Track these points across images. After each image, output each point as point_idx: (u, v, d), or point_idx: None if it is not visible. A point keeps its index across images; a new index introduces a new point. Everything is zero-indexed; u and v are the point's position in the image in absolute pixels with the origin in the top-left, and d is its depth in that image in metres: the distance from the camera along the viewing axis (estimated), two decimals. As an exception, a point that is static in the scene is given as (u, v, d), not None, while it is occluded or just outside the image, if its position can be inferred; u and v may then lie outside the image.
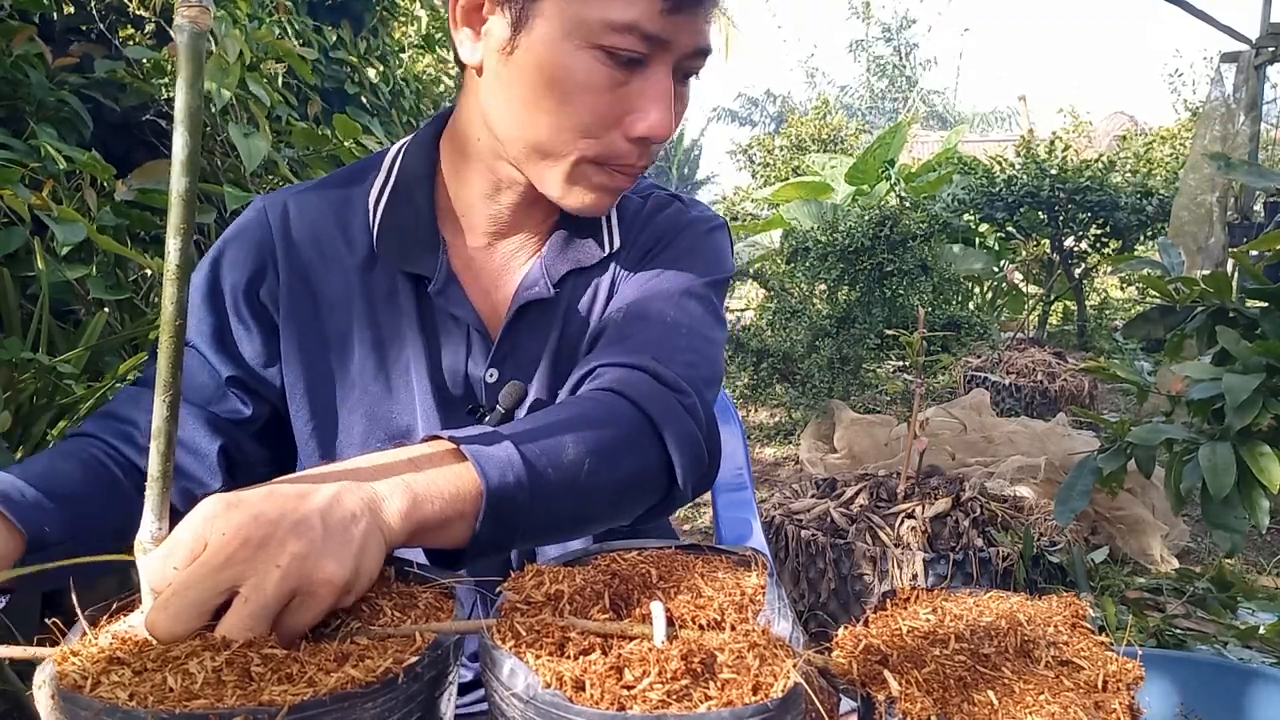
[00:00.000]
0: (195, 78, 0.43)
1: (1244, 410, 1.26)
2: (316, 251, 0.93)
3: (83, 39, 2.36)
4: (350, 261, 0.92)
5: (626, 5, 0.75)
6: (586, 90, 0.79)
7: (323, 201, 0.94)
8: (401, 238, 0.91)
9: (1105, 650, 0.59)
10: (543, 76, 0.79)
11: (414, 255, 0.91)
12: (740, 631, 0.55)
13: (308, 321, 0.92)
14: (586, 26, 0.76)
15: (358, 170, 0.98)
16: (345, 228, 0.93)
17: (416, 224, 0.91)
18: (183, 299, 0.46)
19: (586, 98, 0.79)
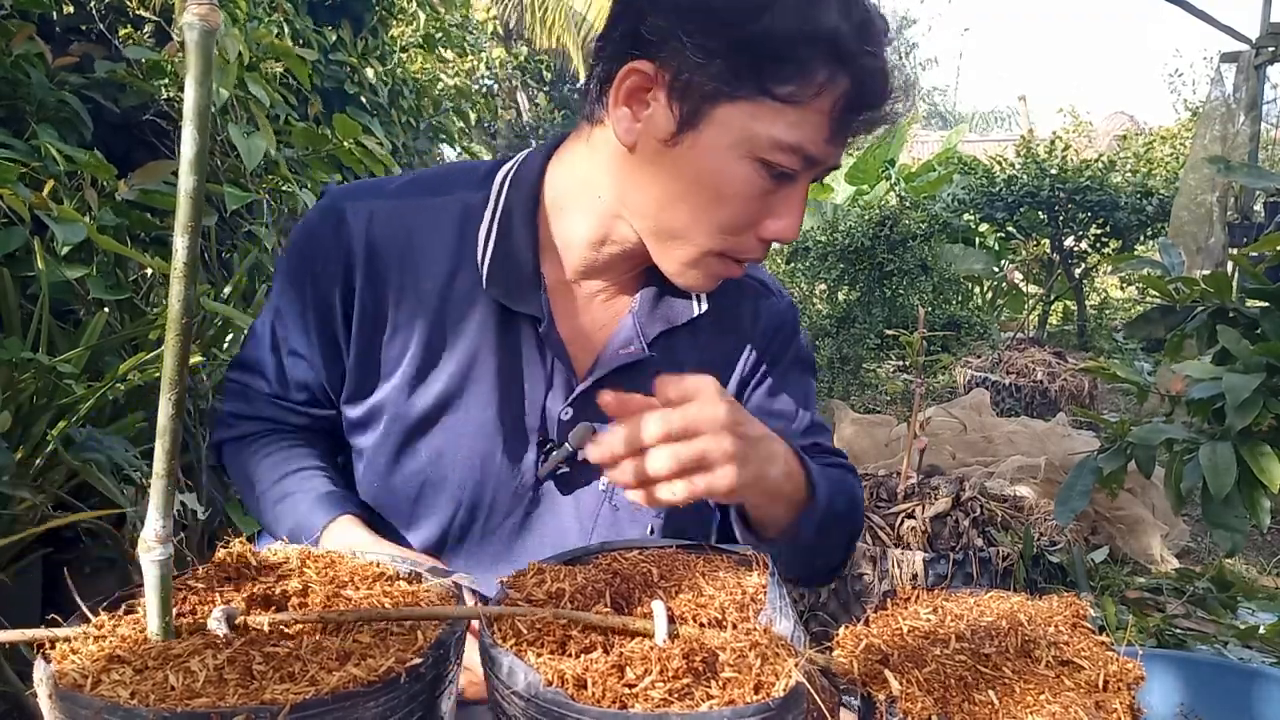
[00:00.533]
0: (204, 76, 0.43)
1: (1245, 410, 1.26)
2: (401, 263, 0.93)
3: (82, 39, 2.36)
4: (439, 279, 0.93)
5: (794, 128, 0.80)
6: (739, 197, 0.83)
7: (413, 213, 0.94)
8: (508, 272, 0.92)
9: (1105, 650, 0.59)
10: (699, 176, 0.83)
11: (520, 292, 0.92)
12: (742, 630, 0.55)
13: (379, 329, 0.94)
14: (755, 141, 0.80)
15: (445, 181, 0.98)
16: (436, 244, 0.94)
17: (521, 259, 0.93)
18: (190, 297, 0.46)
19: (737, 203, 0.84)
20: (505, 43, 12.85)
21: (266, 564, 0.62)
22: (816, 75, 0.78)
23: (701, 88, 0.80)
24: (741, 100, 0.79)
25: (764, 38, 0.77)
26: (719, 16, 0.78)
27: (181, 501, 1.72)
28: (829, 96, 0.79)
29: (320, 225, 0.95)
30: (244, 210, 2.56)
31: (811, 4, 0.78)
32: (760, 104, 0.79)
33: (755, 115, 0.80)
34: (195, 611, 0.55)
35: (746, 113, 0.80)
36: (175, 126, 2.43)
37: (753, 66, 0.78)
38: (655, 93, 0.83)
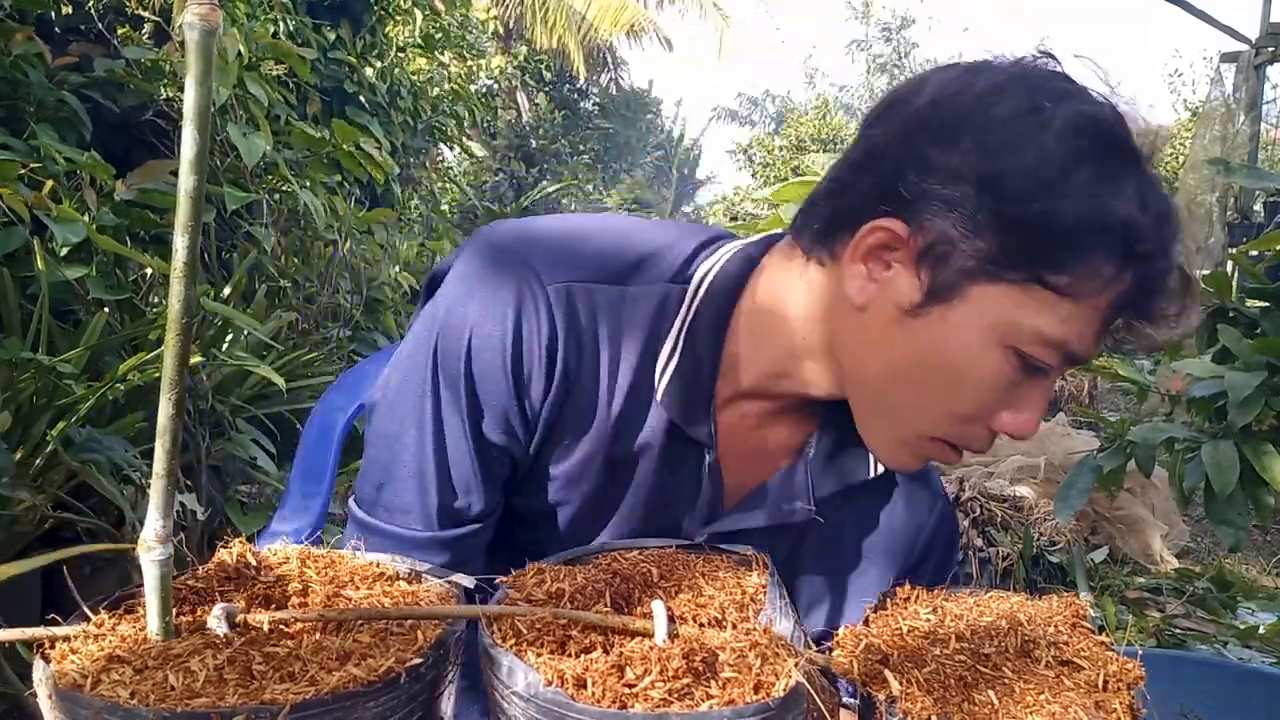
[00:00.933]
0: (205, 75, 0.43)
1: (1246, 408, 1.26)
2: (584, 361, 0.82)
3: (81, 39, 2.36)
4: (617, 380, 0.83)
5: (1063, 323, 0.70)
6: (983, 387, 0.73)
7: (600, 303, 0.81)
8: (685, 391, 0.82)
9: (1105, 650, 0.59)
10: (941, 357, 0.73)
11: (693, 414, 0.82)
12: (742, 630, 0.55)
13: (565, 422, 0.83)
14: (1015, 329, 0.71)
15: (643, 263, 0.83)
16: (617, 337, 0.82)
17: (701, 379, 0.82)
18: (190, 297, 0.46)
19: (978, 393, 0.74)
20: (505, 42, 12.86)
21: (266, 564, 0.61)
22: (1101, 269, 0.68)
23: (962, 261, 0.70)
24: (1008, 283, 0.69)
25: (1048, 219, 0.67)
26: (999, 188, 0.68)
27: (181, 502, 1.72)
28: (1109, 294, 0.69)
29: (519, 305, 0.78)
30: (244, 210, 2.56)
31: (1107, 189, 0.68)
32: (1029, 290, 0.69)
33: (1020, 302, 0.70)
34: (195, 611, 0.55)
35: (1010, 297, 0.70)
36: (174, 126, 2.43)
37: (1029, 249, 0.68)
38: (901, 254, 0.73)
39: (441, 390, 0.79)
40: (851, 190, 0.76)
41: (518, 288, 0.78)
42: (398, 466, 0.81)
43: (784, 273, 0.82)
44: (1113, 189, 0.68)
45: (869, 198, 0.74)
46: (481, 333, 0.78)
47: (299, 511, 1.36)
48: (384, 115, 3.93)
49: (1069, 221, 0.67)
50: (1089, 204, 0.67)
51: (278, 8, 3.01)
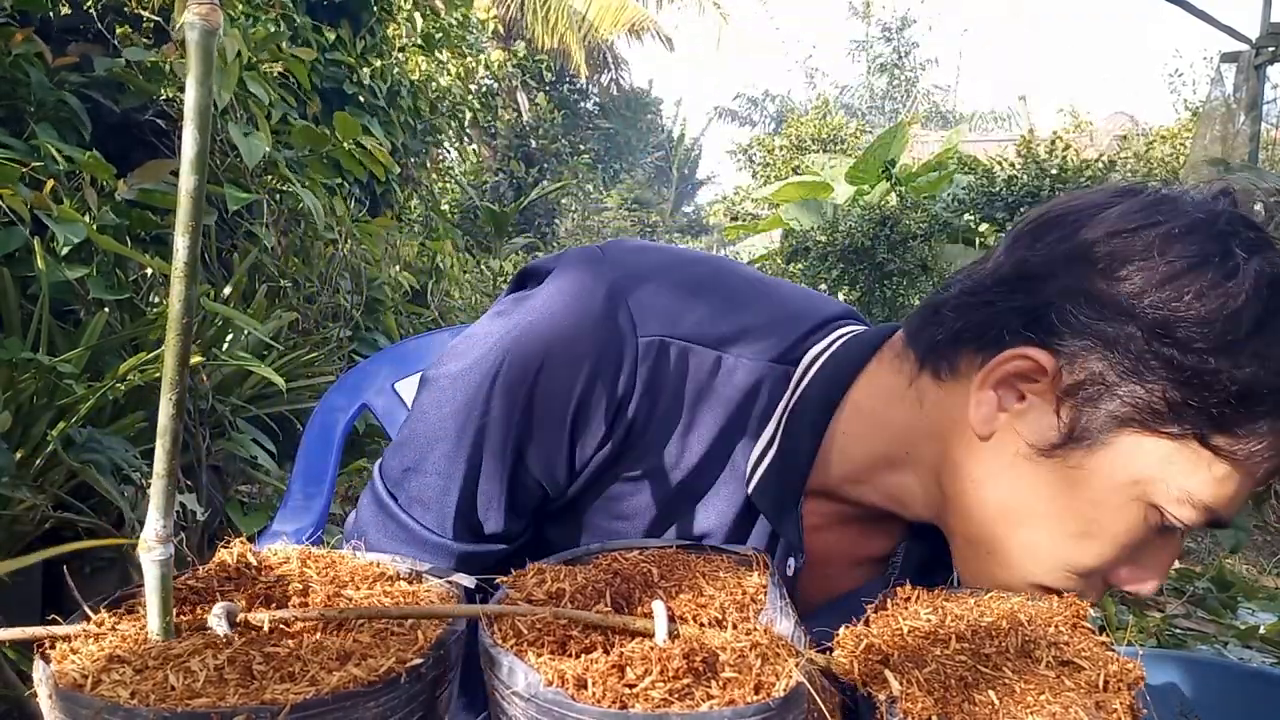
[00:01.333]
0: (205, 75, 0.43)
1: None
2: (655, 417, 0.76)
3: (80, 39, 2.36)
4: (682, 447, 0.76)
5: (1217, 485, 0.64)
6: (1115, 543, 0.67)
7: (689, 364, 0.75)
8: (779, 483, 0.76)
9: (1106, 650, 0.59)
10: (1073, 505, 0.67)
11: (783, 511, 0.77)
12: (742, 630, 0.55)
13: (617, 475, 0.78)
14: (1162, 486, 0.65)
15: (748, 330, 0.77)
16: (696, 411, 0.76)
17: (797, 473, 0.76)
18: (190, 297, 0.46)
19: (1106, 548, 0.67)
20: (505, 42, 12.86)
21: (266, 564, 0.61)
22: (1269, 435, 0.63)
23: (1115, 406, 0.64)
24: (1165, 436, 0.64)
25: (1227, 377, 0.62)
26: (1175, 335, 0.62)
27: (181, 502, 1.72)
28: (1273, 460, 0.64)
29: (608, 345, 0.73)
30: (244, 210, 2.56)
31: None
32: (1187, 447, 0.64)
33: (1173, 458, 0.64)
34: (195, 611, 0.55)
35: (1163, 451, 0.64)
36: (174, 126, 2.43)
37: (1199, 405, 0.62)
38: (1042, 387, 0.67)
39: (494, 404, 0.74)
40: (992, 308, 0.69)
41: (608, 335, 0.73)
42: (429, 459, 0.76)
43: (893, 375, 0.76)
44: None
45: (1013, 320, 0.67)
46: (554, 370, 0.73)
47: (300, 512, 1.36)
48: (383, 115, 3.93)
49: (1249, 381, 0.62)
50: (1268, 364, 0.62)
51: (278, 8, 3.01)
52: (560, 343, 0.72)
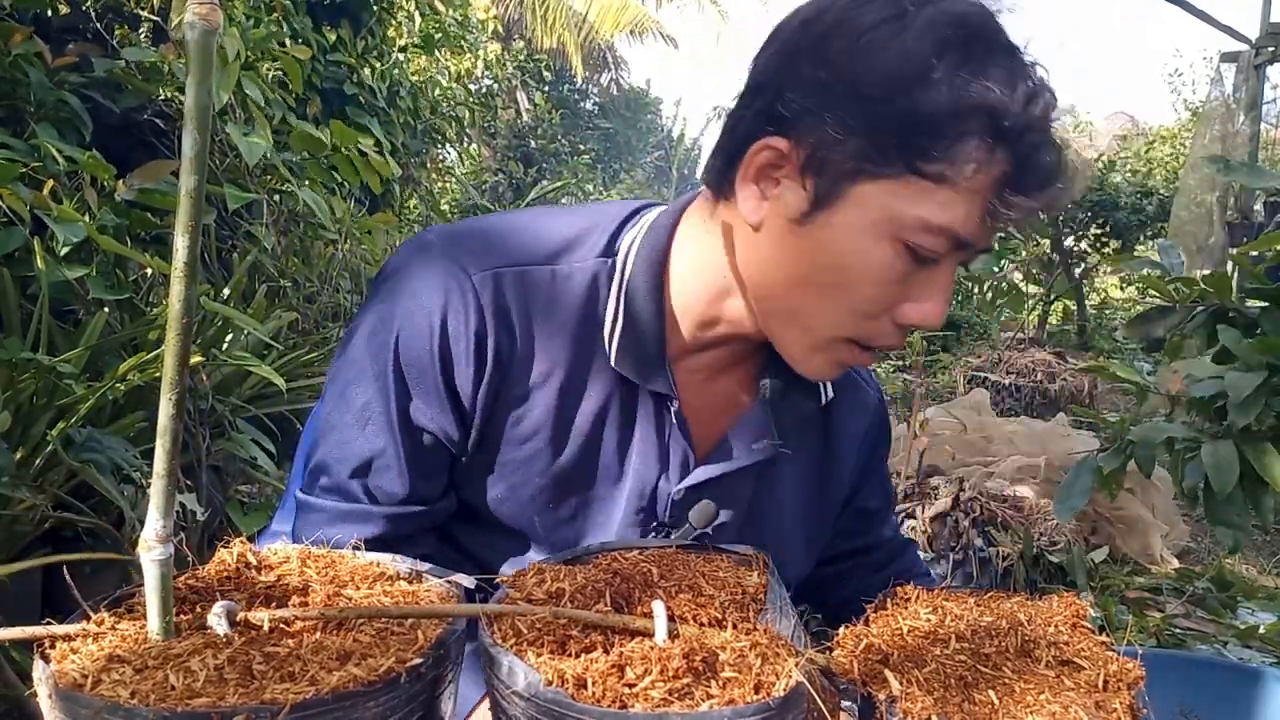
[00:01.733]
0: (204, 75, 0.43)
1: (1246, 408, 1.26)
2: (522, 335, 0.85)
3: (79, 38, 2.36)
4: (565, 354, 0.86)
5: (944, 209, 0.72)
6: (876, 281, 0.76)
7: (530, 284, 0.85)
8: (636, 348, 0.86)
9: (1105, 650, 0.59)
10: (833, 258, 0.76)
11: (648, 370, 0.86)
12: (742, 630, 0.55)
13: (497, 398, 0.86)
14: (898, 222, 0.73)
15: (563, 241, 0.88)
16: (553, 313, 0.86)
17: (648, 335, 0.86)
18: (190, 296, 0.46)
19: (873, 288, 0.76)
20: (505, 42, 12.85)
21: (266, 564, 0.62)
22: (973, 152, 0.71)
23: (840, 164, 0.73)
24: (884, 178, 0.72)
25: (913, 111, 0.70)
26: (865, 90, 0.71)
27: (181, 502, 1.72)
28: (986, 176, 0.72)
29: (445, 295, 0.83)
30: (244, 210, 2.56)
31: (971, 74, 0.70)
32: (906, 182, 0.72)
33: (899, 194, 0.72)
34: (195, 611, 0.55)
35: (889, 191, 0.73)
36: (174, 126, 2.43)
37: (900, 143, 0.71)
38: (788, 170, 0.76)
39: (370, 379, 0.83)
40: (741, 121, 0.79)
41: (444, 280, 0.82)
42: (328, 447, 0.86)
43: (700, 221, 0.86)
44: (975, 72, 0.70)
45: (755, 124, 0.77)
46: (409, 331, 0.82)
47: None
48: (383, 116, 3.93)
49: (933, 109, 0.70)
50: (951, 91, 0.69)
51: (278, 9, 3.01)
52: (406, 307, 0.82)
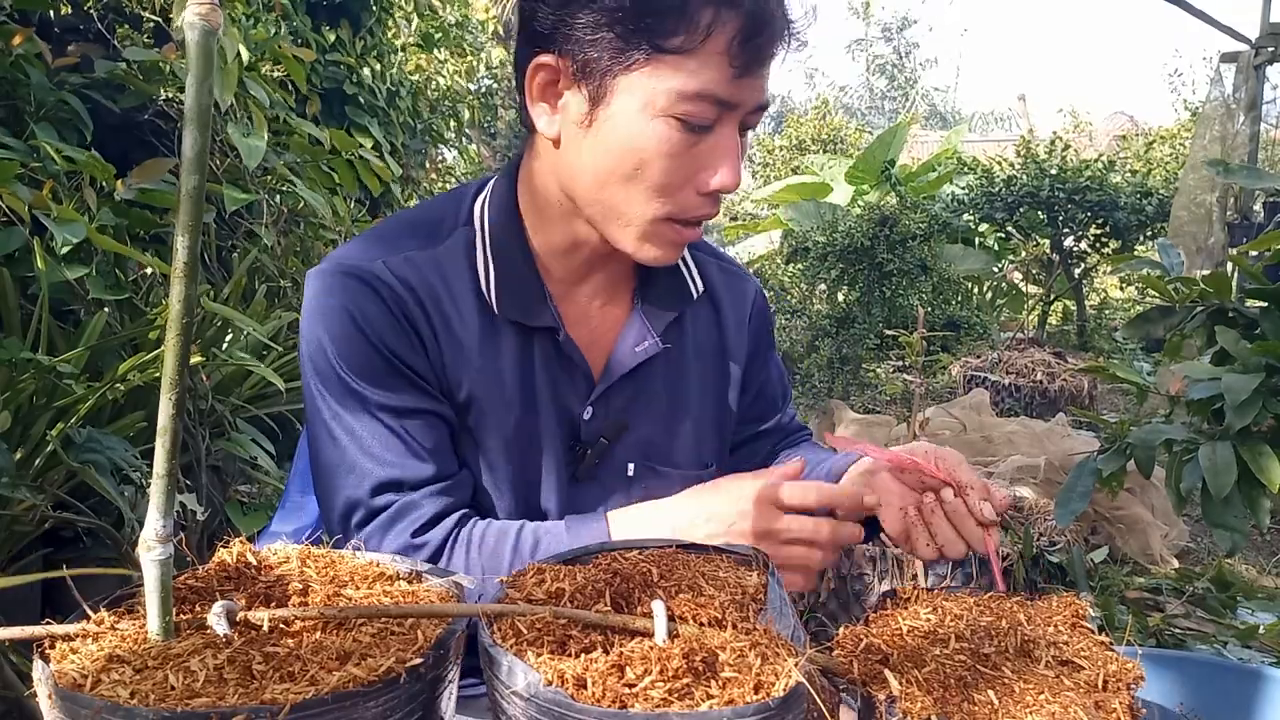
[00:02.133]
0: (205, 76, 0.43)
1: (1244, 410, 1.26)
2: (434, 310, 0.94)
3: (80, 38, 2.36)
4: (463, 315, 0.95)
5: (694, 76, 0.80)
6: (662, 156, 0.84)
7: (420, 266, 0.94)
8: (515, 293, 0.95)
9: (1105, 650, 0.59)
10: (621, 146, 0.84)
11: (530, 308, 0.95)
12: (742, 630, 0.55)
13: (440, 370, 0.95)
14: (660, 98, 0.81)
15: (432, 224, 0.98)
16: (449, 285, 0.95)
17: (523, 277, 0.96)
18: (190, 296, 0.46)
19: (662, 163, 0.84)
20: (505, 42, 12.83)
21: (266, 564, 0.62)
22: (701, 19, 0.79)
23: (599, 62, 0.82)
24: (638, 65, 0.81)
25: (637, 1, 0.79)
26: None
27: (181, 502, 1.72)
28: (721, 36, 0.80)
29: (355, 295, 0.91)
30: (244, 210, 2.56)
31: None
32: (656, 61, 0.80)
33: (655, 74, 0.81)
34: (195, 611, 0.55)
35: (646, 74, 0.81)
36: (174, 126, 2.43)
37: (638, 29, 0.80)
38: (564, 81, 0.86)
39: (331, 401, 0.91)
40: (517, 51, 0.89)
41: (346, 284, 0.91)
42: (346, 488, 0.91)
43: (529, 161, 0.97)
44: None
45: (525, 49, 0.87)
46: (340, 335, 0.90)
47: (298, 511, 1.36)
48: (383, 116, 3.93)
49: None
50: None
51: (278, 9, 3.01)
52: (329, 324, 0.91)
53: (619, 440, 1.01)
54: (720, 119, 0.84)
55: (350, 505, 0.91)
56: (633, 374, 1.01)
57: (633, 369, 1.00)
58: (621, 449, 1.02)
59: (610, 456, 1.01)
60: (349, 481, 0.91)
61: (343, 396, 0.91)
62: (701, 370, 1.07)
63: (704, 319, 1.08)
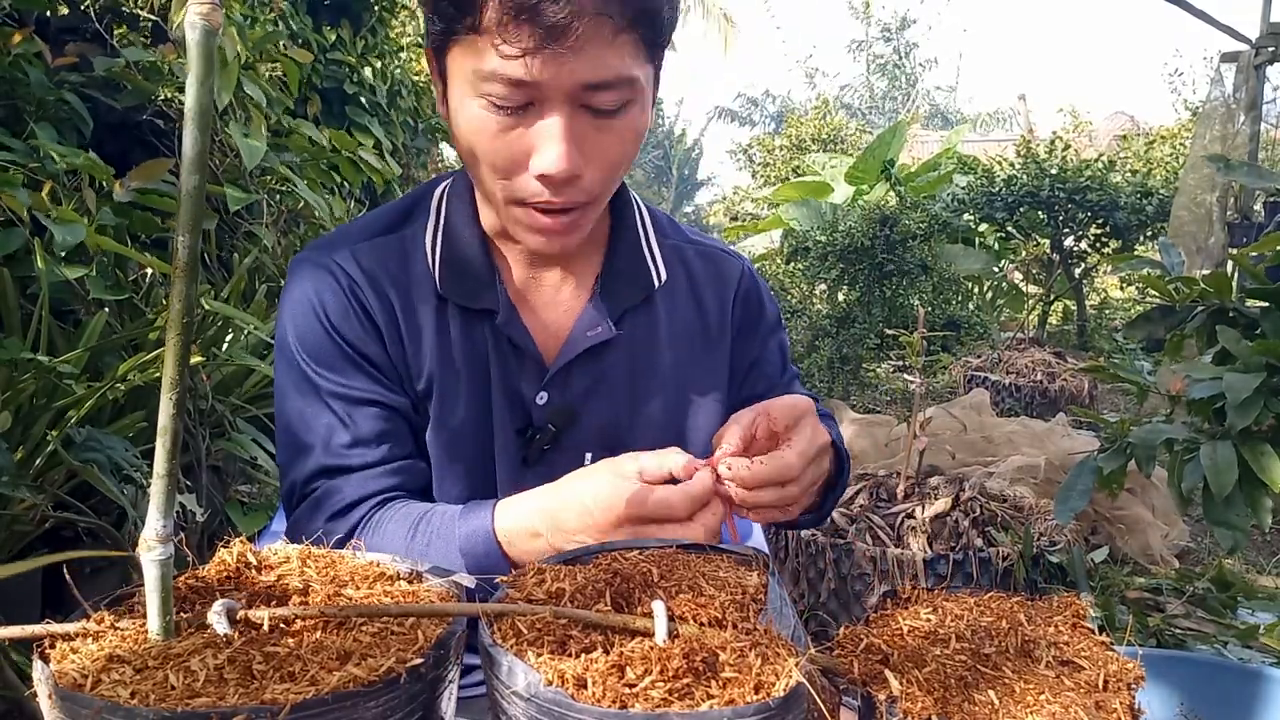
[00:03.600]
0: (206, 75, 0.43)
1: (1245, 409, 1.26)
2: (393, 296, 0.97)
3: (78, 38, 2.36)
4: (419, 301, 0.97)
5: (484, 56, 0.80)
6: (481, 135, 0.84)
7: (382, 251, 0.98)
8: (461, 276, 0.97)
9: (1105, 650, 0.59)
10: (456, 128, 0.87)
11: (475, 291, 0.97)
12: (742, 630, 0.55)
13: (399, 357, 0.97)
14: (469, 79, 0.82)
15: (403, 212, 1.02)
16: (408, 270, 0.98)
17: (471, 261, 0.97)
18: (191, 296, 0.46)
19: (484, 143, 0.84)
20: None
21: (266, 564, 0.62)
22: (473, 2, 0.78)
23: (436, 50, 0.86)
24: (452, 48, 0.83)
25: None
26: None
27: (181, 502, 1.72)
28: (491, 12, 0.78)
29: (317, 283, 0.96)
30: (244, 210, 2.56)
31: None
32: (461, 44, 0.82)
33: (462, 56, 0.82)
34: (195, 611, 0.55)
35: (457, 56, 0.83)
36: (173, 126, 2.43)
37: (439, 15, 0.82)
38: (431, 63, 0.89)
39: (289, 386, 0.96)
40: None
41: (312, 272, 0.96)
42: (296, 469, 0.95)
43: None
44: None
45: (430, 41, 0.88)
46: (301, 320, 0.95)
47: (299, 511, 1.36)
48: (384, 115, 3.93)
49: None
50: None
51: (277, 9, 3.01)
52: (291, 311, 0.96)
53: (571, 426, 1.01)
54: (538, 100, 0.81)
55: (290, 487, 0.96)
56: (591, 361, 1.00)
57: (591, 356, 1.00)
58: (578, 435, 1.01)
59: (564, 442, 1.01)
60: (295, 465, 0.95)
61: (299, 382, 0.95)
62: (676, 358, 1.06)
63: (681, 305, 1.08)
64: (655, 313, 1.05)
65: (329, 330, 0.95)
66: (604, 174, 0.88)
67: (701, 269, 1.10)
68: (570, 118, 0.82)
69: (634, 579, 0.62)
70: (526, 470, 1.00)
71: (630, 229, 1.06)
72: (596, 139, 0.85)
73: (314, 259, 0.97)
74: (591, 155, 0.85)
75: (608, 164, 0.87)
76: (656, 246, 1.08)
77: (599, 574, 0.62)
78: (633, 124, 0.87)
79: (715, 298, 1.10)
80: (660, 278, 1.05)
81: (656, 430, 1.04)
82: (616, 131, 0.86)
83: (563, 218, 0.89)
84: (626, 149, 0.88)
